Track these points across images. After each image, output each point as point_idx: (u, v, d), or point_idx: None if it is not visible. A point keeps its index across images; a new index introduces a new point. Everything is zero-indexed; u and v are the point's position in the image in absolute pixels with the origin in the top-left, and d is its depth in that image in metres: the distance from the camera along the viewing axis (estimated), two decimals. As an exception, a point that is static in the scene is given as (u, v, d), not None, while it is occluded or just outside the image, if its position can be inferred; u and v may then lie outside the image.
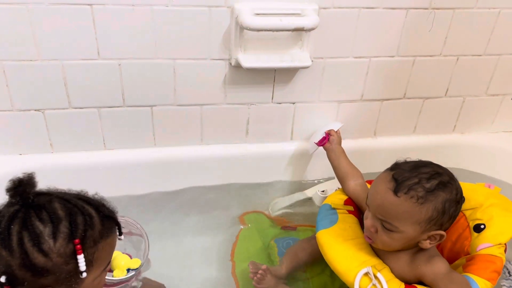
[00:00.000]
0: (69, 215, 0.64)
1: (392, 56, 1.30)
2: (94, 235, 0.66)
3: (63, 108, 1.20)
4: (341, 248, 0.98)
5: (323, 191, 1.29)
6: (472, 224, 1.02)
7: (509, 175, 1.42)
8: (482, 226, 1.00)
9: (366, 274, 0.91)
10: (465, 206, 1.04)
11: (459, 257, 1.00)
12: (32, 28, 1.07)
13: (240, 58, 1.17)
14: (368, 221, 0.92)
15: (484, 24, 1.30)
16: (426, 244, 0.90)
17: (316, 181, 1.36)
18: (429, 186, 0.87)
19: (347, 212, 1.08)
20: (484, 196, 1.06)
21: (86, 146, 1.28)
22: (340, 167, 1.17)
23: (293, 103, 1.34)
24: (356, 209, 1.10)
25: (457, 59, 1.35)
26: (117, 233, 0.72)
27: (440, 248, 1.03)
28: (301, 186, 1.39)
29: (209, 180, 1.38)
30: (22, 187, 0.63)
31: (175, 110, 1.27)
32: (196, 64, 1.20)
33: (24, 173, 0.65)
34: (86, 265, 0.64)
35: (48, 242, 0.62)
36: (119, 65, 1.16)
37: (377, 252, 0.98)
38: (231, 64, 1.21)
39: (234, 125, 1.35)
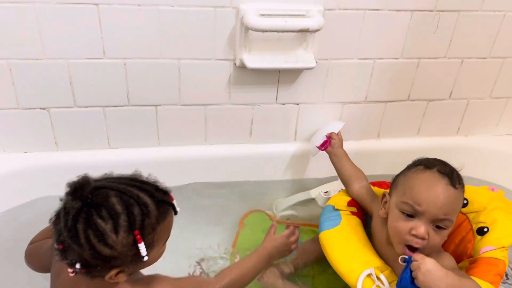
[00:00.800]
0: (126, 209, 0.69)
1: (397, 58, 1.30)
2: (152, 222, 0.72)
3: (68, 107, 1.21)
4: (344, 250, 0.98)
5: (326, 192, 1.29)
6: (475, 227, 1.02)
7: (511, 179, 1.42)
8: (486, 229, 0.99)
9: (369, 275, 0.91)
10: (468, 209, 1.05)
11: (462, 260, 1.00)
12: (39, 27, 1.07)
13: (244, 59, 1.17)
14: (422, 229, 0.86)
15: (489, 27, 1.30)
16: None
17: (319, 182, 1.35)
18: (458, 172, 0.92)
19: (350, 214, 1.08)
20: (487, 199, 1.05)
21: (90, 144, 1.28)
22: (343, 170, 1.17)
23: (297, 104, 1.34)
24: (360, 210, 1.10)
25: (462, 61, 1.35)
26: (173, 213, 0.78)
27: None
28: (304, 186, 1.39)
29: (213, 179, 1.39)
30: (80, 191, 0.69)
31: (180, 110, 1.28)
32: (201, 64, 1.20)
33: (79, 176, 0.72)
34: (147, 247, 0.71)
35: (111, 237, 0.68)
36: (124, 64, 1.16)
37: (380, 254, 0.98)
38: (235, 64, 1.21)
39: (238, 125, 1.35)
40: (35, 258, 0.89)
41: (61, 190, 1.25)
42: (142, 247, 0.70)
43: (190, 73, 1.21)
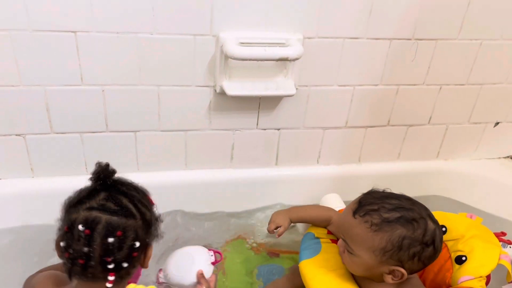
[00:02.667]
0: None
1: (376, 85, 1.32)
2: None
3: (45, 133, 1.19)
4: (324, 279, 0.97)
5: (307, 218, 1.29)
6: (454, 255, 1.01)
7: (490, 203, 1.44)
8: (464, 258, 0.99)
9: (348, 306, 0.90)
10: (447, 236, 1.05)
11: (441, 289, 1.00)
12: (14, 54, 1.06)
13: (225, 86, 1.17)
14: (339, 240, 0.94)
15: (466, 55, 1.33)
16: (388, 279, 0.88)
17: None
18: (387, 217, 0.85)
19: (330, 242, 1.07)
20: (465, 227, 1.06)
21: (68, 170, 1.26)
22: (310, 223, 1.15)
23: (278, 129, 1.34)
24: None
25: (440, 88, 1.37)
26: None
27: (422, 279, 1.03)
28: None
29: (193, 206, 1.37)
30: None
31: (159, 135, 1.27)
32: (180, 90, 1.20)
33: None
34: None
35: (144, 202, 0.81)
36: (103, 91, 1.15)
37: (360, 284, 0.97)
38: (216, 91, 1.21)
39: (219, 150, 1.34)
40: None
41: (38, 217, 1.24)
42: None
43: (169, 99, 1.21)
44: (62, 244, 0.74)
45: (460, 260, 0.99)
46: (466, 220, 1.09)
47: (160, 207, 1.31)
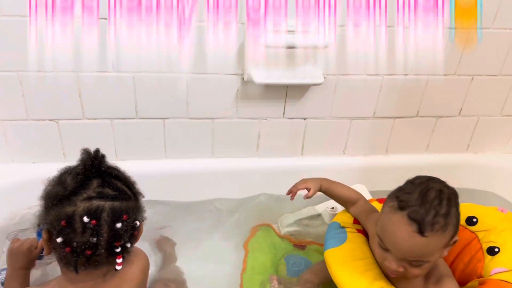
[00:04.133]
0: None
1: (406, 75, 1.29)
2: None
3: (77, 119, 1.22)
4: (349, 269, 0.97)
5: (332, 207, 1.28)
6: (485, 246, 0.99)
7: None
8: (497, 249, 0.97)
9: (374, 295, 0.89)
10: (478, 227, 1.03)
11: (471, 279, 0.98)
12: (50, 40, 1.08)
13: (252, 74, 1.17)
14: (393, 265, 0.87)
15: (500, 44, 1.29)
16: (445, 252, 0.89)
17: (326, 198, 1.34)
18: (445, 211, 0.84)
19: (356, 231, 1.06)
20: (497, 220, 1.03)
21: (98, 156, 1.29)
22: (335, 198, 1.14)
23: (305, 119, 1.34)
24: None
25: (472, 78, 1.34)
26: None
27: (452, 270, 1.01)
28: (311, 202, 1.37)
29: (219, 193, 1.38)
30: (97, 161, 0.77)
31: (187, 123, 1.28)
32: (209, 78, 1.21)
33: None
34: None
35: (131, 181, 0.80)
36: (133, 78, 1.17)
37: (386, 273, 0.96)
38: (243, 79, 1.22)
39: (245, 139, 1.35)
40: None
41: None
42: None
43: (198, 87, 1.22)
44: (59, 240, 0.71)
45: (492, 251, 0.97)
46: (498, 213, 1.07)
47: (186, 194, 1.35)
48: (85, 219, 0.70)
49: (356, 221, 1.09)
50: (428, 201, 0.86)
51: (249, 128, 1.33)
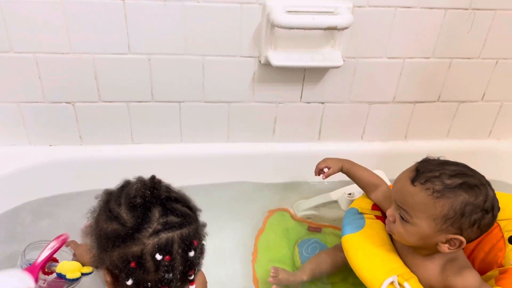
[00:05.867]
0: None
1: (428, 58, 1.26)
2: None
3: (93, 102, 1.21)
4: (368, 255, 0.95)
5: (349, 193, 1.26)
6: (507, 235, 0.97)
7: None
8: (518, 238, 0.95)
9: (392, 283, 0.88)
10: (499, 216, 0.99)
11: (491, 269, 0.96)
12: (65, 21, 1.08)
13: (270, 56, 1.15)
14: (390, 209, 0.92)
15: (527, 27, 1.24)
16: (445, 248, 0.86)
17: (343, 184, 1.32)
18: (450, 183, 0.83)
19: (374, 218, 1.05)
20: (520, 207, 1.01)
21: (114, 139, 1.29)
22: (357, 181, 1.12)
23: (322, 103, 1.31)
24: (384, 214, 1.07)
25: (496, 62, 1.30)
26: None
27: (472, 259, 0.99)
28: (327, 187, 1.36)
29: (235, 177, 1.37)
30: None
31: (203, 107, 1.27)
32: (225, 61, 1.19)
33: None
34: None
35: (188, 198, 0.73)
36: (149, 60, 1.16)
37: (405, 261, 0.95)
38: (260, 61, 1.19)
39: (261, 123, 1.33)
40: None
41: (85, 184, 1.28)
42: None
43: (214, 69, 1.20)
44: (129, 282, 0.64)
45: (514, 240, 0.95)
46: (521, 200, 1.04)
47: (201, 178, 1.35)
48: (158, 256, 0.63)
49: (374, 207, 1.07)
50: (444, 167, 0.85)
51: (265, 112, 1.31)
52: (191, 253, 0.66)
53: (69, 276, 0.90)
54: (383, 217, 1.05)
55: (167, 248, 0.64)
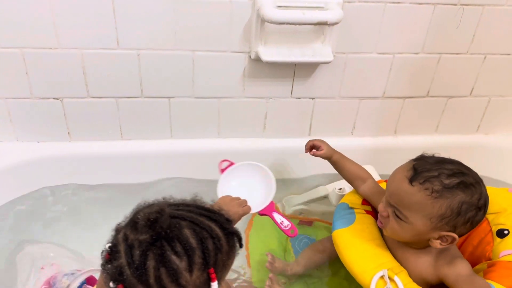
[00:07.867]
0: (201, 243, 0.62)
1: (417, 53, 1.26)
2: (224, 258, 0.66)
3: (81, 97, 1.20)
4: (358, 249, 0.96)
5: (340, 188, 1.27)
6: (495, 229, 0.99)
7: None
8: (506, 232, 0.96)
9: (383, 277, 0.89)
10: (488, 210, 1.01)
11: (480, 262, 0.98)
12: (53, 16, 1.06)
13: (260, 51, 1.15)
14: (381, 205, 0.92)
15: (514, 22, 1.25)
16: (436, 244, 0.87)
17: (334, 178, 1.33)
18: (448, 183, 0.84)
19: (364, 212, 1.05)
20: (508, 201, 1.02)
21: (103, 135, 1.28)
22: (343, 173, 1.12)
23: (313, 99, 1.31)
24: (374, 209, 1.08)
25: (485, 57, 1.31)
26: (238, 246, 0.70)
27: (461, 252, 1.00)
28: (318, 183, 1.37)
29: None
30: (158, 225, 0.61)
31: (193, 102, 1.26)
32: (215, 56, 1.18)
33: (153, 205, 0.65)
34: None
35: (185, 276, 0.60)
36: (138, 55, 1.15)
37: (396, 255, 0.96)
38: (250, 57, 1.19)
39: (252, 119, 1.33)
40: None
41: (73, 180, 1.27)
42: (215, 285, 0.63)
43: (204, 65, 1.19)
44: None
45: (502, 234, 0.96)
46: (509, 194, 1.06)
47: (191, 173, 1.34)
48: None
49: (364, 202, 1.08)
50: (441, 166, 0.86)
51: (256, 108, 1.31)
52: (135, 257, 0.60)
53: None
54: (373, 212, 1.06)
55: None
